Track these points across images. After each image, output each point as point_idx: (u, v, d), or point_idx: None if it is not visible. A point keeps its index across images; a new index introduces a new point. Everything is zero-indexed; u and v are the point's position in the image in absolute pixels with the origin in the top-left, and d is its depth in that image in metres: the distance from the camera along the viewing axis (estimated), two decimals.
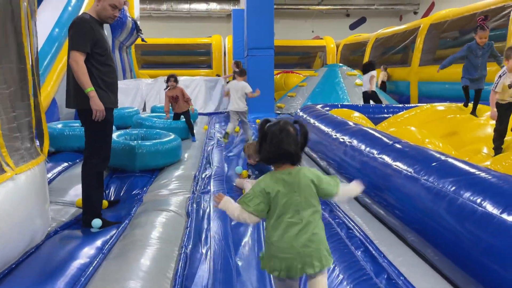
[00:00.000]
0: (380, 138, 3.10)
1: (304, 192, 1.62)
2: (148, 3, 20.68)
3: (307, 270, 1.59)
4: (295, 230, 1.60)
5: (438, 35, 11.39)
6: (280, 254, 1.60)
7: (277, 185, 1.62)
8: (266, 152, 1.66)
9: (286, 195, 1.61)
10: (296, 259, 1.59)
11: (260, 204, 1.61)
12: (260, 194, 1.62)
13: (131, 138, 4.62)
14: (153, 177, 4.08)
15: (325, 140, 4.02)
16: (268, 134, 1.65)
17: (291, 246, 1.59)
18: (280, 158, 1.65)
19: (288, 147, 1.62)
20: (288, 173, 1.64)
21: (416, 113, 5.00)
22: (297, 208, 1.62)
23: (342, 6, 21.91)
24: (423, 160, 2.35)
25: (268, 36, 9.09)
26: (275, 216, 1.62)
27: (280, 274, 1.61)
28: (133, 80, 10.02)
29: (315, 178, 1.66)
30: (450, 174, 2.08)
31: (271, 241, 1.63)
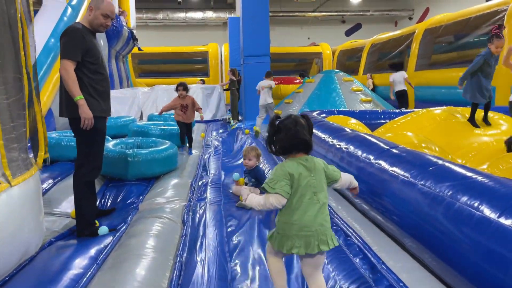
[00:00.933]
0: (376, 143, 3.09)
1: (319, 176, 1.82)
2: (144, 12, 20.77)
3: (322, 247, 1.75)
4: (314, 210, 1.77)
5: (433, 40, 11.45)
6: (300, 232, 1.75)
7: (299, 168, 1.79)
8: (283, 143, 1.82)
9: (306, 177, 1.78)
10: (314, 236, 1.75)
11: (286, 185, 1.76)
12: (284, 177, 1.77)
13: (127, 146, 4.60)
14: (149, 186, 4.05)
15: (322, 146, 4.00)
16: (282, 128, 1.82)
17: (311, 225, 1.76)
18: (297, 147, 1.82)
19: (304, 136, 1.81)
20: (305, 159, 1.83)
21: (412, 118, 5.00)
22: (315, 190, 1.80)
23: (337, 12, 22.06)
24: (420, 165, 2.33)
25: (264, 44, 9.12)
26: (296, 197, 1.77)
27: (299, 252, 1.75)
28: (130, 89, 10.03)
29: (324, 165, 1.89)
30: (446, 178, 2.06)
31: (292, 220, 1.77)
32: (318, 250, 1.75)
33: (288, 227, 1.79)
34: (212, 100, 9.88)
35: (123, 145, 4.58)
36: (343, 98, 10.01)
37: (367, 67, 15.11)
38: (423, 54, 11.53)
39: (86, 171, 3.01)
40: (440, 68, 10.71)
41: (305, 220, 1.76)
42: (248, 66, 9.20)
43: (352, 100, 10.02)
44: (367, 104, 9.95)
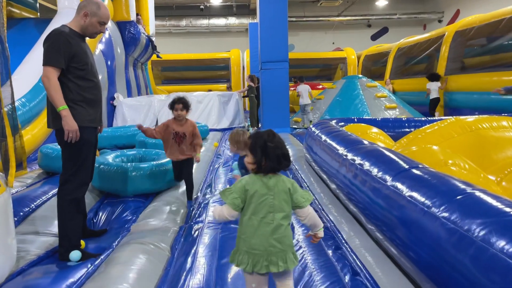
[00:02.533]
0: (395, 160, 2.68)
1: (279, 197, 1.76)
2: (167, 19, 20.83)
3: (271, 268, 1.72)
4: (266, 229, 1.73)
5: (464, 43, 10.80)
6: (249, 249, 1.73)
7: (256, 185, 1.75)
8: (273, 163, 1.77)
9: (262, 196, 1.74)
10: (263, 256, 1.72)
11: (237, 198, 1.74)
12: (239, 190, 1.75)
13: (128, 159, 4.34)
14: (146, 203, 3.76)
15: (336, 160, 3.61)
16: (272, 148, 1.76)
17: (260, 244, 1.72)
18: (282, 165, 1.79)
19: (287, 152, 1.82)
20: (269, 177, 1.77)
21: (439, 127, 4.51)
22: (271, 210, 1.75)
23: (363, 16, 21.46)
24: (445, 192, 1.92)
25: (282, 49, 8.76)
26: (249, 213, 1.75)
27: (246, 268, 1.74)
28: (146, 96, 9.88)
29: (291, 187, 1.79)
30: (478, 213, 1.65)
31: (243, 236, 1.76)
32: (266, 271, 1.73)
33: (241, 241, 1.79)
34: (229, 107, 9.59)
35: (123, 158, 4.33)
36: (366, 105, 9.53)
37: (393, 72, 14.50)
38: (454, 58, 10.88)
39: (72, 187, 2.76)
40: (472, 73, 10.05)
41: (255, 239, 1.74)
42: (266, 72, 8.86)
43: (376, 107, 9.52)
44: (392, 111, 9.43)
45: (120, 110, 8.62)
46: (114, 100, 8.65)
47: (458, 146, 4.08)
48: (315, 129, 5.19)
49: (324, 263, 2.26)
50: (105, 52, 8.38)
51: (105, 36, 8.63)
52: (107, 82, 8.38)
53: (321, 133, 4.72)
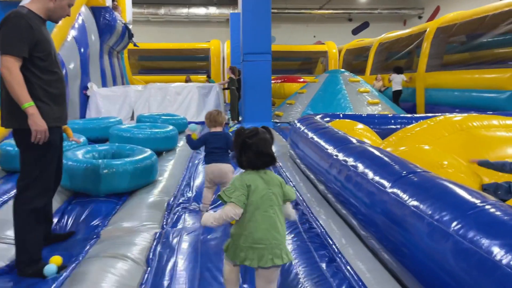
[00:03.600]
0: (390, 164, 2.47)
1: (275, 190, 1.84)
2: (145, 7, 20.19)
3: (275, 261, 1.74)
4: (269, 223, 1.78)
5: (445, 39, 10.77)
6: (254, 244, 1.75)
7: (257, 181, 1.81)
8: (252, 160, 1.83)
9: (263, 190, 1.80)
10: (268, 249, 1.75)
11: (242, 195, 1.76)
12: (241, 187, 1.78)
13: (100, 155, 4.01)
14: (120, 203, 3.46)
15: (325, 160, 3.39)
16: (249, 144, 1.81)
17: (265, 238, 1.75)
18: (263, 162, 1.84)
19: (272, 152, 1.86)
20: (264, 172, 1.86)
21: (429, 125, 4.36)
22: (271, 203, 1.81)
23: (344, 10, 21.36)
24: (455, 204, 1.71)
25: (265, 41, 8.48)
26: (251, 209, 1.78)
27: (251, 264, 1.75)
28: (121, 87, 9.44)
29: (282, 181, 1.89)
30: (498, 232, 1.45)
31: (245, 232, 1.78)
32: (271, 264, 1.75)
33: (242, 238, 1.79)
34: (210, 99, 9.26)
35: (95, 153, 3.99)
36: (348, 100, 9.39)
37: (375, 67, 14.44)
38: (435, 54, 10.85)
39: (31, 195, 2.41)
40: (453, 70, 10.04)
41: (259, 233, 1.76)
42: (247, 64, 8.57)
43: (359, 102, 9.39)
44: (375, 107, 9.32)
45: (93, 100, 8.18)
46: (88, 90, 8.19)
47: (449, 146, 3.93)
48: (300, 125, 4.97)
49: (318, 279, 2.04)
50: (78, 38, 7.91)
51: (78, 22, 8.14)
52: (80, 70, 7.92)
53: (307, 129, 4.50)
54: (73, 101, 7.64)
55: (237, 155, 1.87)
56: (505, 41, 8.72)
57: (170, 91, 8.79)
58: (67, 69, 7.32)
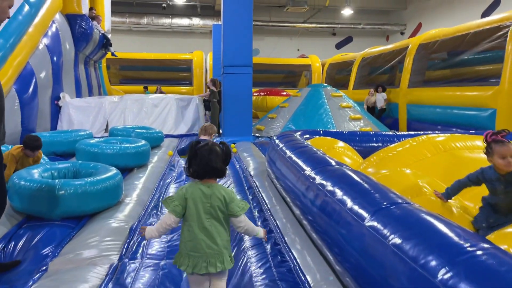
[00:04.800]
0: (370, 192, 2.25)
1: (214, 203, 1.91)
2: (127, 16, 19.91)
3: (209, 269, 1.87)
4: (204, 234, 1.89)
5: (427, 56, 10.79)
6: (189, 252, 1.89)
7: (195, 193, 1.92)
8: (196, 168, 1.94)
9: (200, 204, 1.91)
10: (203, 257, 1.87)
11: (178, 206, 1.90)
12: (179, 198, 1.91)
13: (59, 174, 3.69)
14: (76, 228, 3.14)
15: (302, 181, 3.15)
16: (198, 154, 1.94)
17: (200, 247, 1.88)
18: (208, 174, 1.95)
19: (216, 165, 1.94)
20: (207, 186, 1.94)
21: (411, 145, 4.19)
22: (207, 215, 1.91)
23: (328, 24, 21.46)
24: (443, 247, 1.49)
25: (246, 53, 8.30)
26: (189, 219, 1.91)
27: (187, 270, 1.90)
28: (96, 97, 9.10)
29: (227, 196, 1.94)
30: (492, 285, 1.22)
31: (184, 240, 1.93)
32: (205, 271, 1.88)
33: (183, 245, 1.94)
34: (188, 112, 8.99)
35: (54, 172, 3.67)
36: (330, 115, 9.24)
37: (358, 82, 14.41)
38: (417, 71, 10.84)
39: None
40: (435, 86, 10.02)
41: (195, 242, 1.89)
42: (228, 76, 8.36)
43: (341, 117, 9.25)
44: (357, 122, 9.19)
45: (65, 111, 7.83)
46: (60, 100, 7.84)
47: (432, 167, 3.75)
48: (278, 142, 4.74)
49: None
50: (50, 47, 7.58)
51: (51, 30, 7.83)
52: (52, 80, 7.58)
53: (285, 147, 4.27)
54: (43, 112, 7.29)
55: (187, 165, 1.98)
56: (486, 58, 8.73)
57: (147, 103, 8.50)
58: (37, 78, 6.99)
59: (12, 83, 6.24)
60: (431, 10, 18.79)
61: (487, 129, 7.77)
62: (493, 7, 15.34)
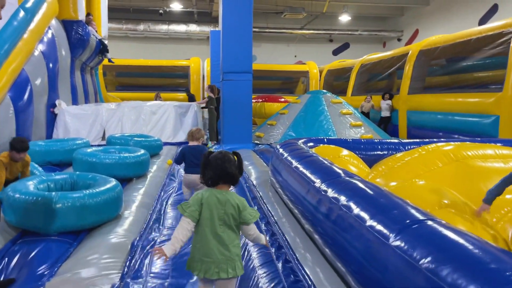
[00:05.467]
0: (390, 207, 2.11)
1: (228, 211, 1.97)
2: (124, 23, 19.76)
3: (221, 275, 1.92)
4: (217, 240, 1.94)
5: (427, 62, 10.73)
6: (202, 257, 1.94)
7: (210, 198, 1.98)
8: (210, 175, 2.02)
9: (216, 209, 1.97)
10: (215, 263, 1.92)
11: (195, 211, 1.96)
12: (195, 203, 1.98)
13: (56, 186, 3.52)
14: (74, 244, 2.97)
15: (312, 194, 3.00)
16: (212, 161, 2.02)
17: (212, 253, 1.93)
18: (222, 179, 2.02)
19: (230, 170, 2.02)
20: (222, 193, 2.01)
21: (420, 155, 4.05)
22: (221, 222, 1.96)
23: (325, 31, 21.43)
24: (490, 273, 1.34)
25: (246, 60, 8.18)
26: (203, 225, 1.96)
27: (198, 274, 1.95)
28: (93, 104, 8.93)
29: (241, 204, 2.00)
30: None
31: (198, 245, 1.97)
32: (217, 277, 1.90)
33: (195, 250, 1.97)
34: (187, 119, 8.83)
35: (50, 184, 3.50)
36: (331, 122, 9.12)
37: (356, 88, 14.34)
38: (417, 77, 10.78)
39: None
40: (435, 92, 9.94)
41: (208, 248, 1.92)
42: (227, 83, 8.23)
43: (341, 124, 9.13)
44: (358, 129, 9.08)
45: (61, 119, 7.65)
46: (55, 108, 7.67)
47: (443, 178, 3.62)
48: (282, 151, 4.60)
49: None
50: (46, 53, 7.42)
51: (47, 36, 7.67)
52: (48, 87, 7.41)
53: (290, 156, 4.13)
54: (38, 120, 7.11)
55: (201, 173, 2.04)
56: (488, 65, 8.67)
57: (145, 110, 8.34)
58: (33, 85, 6.82)
59: (6, 90, 6.07)
60: (428, 17, 18.81)
61: (490, 136, 7.73)
62: (491, 13, 15.36)
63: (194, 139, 4.08)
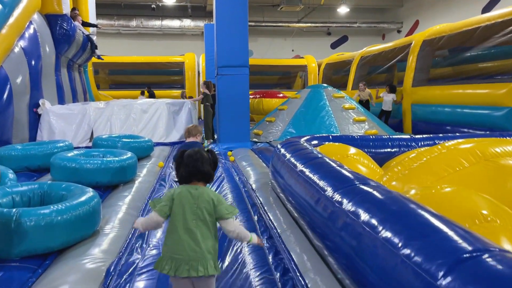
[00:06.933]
0: (431, 230, 1.63)
1: (201, 204, 1.91)
2: (116, 19, 19.21)
3: (191, 273, 1.83)
4: (190, 236, 1.87)
5: (432, 53, 10.24)
6: (172, 254, 1.87)
7: (183, 193, 1.94)
8: (183, 172, 1.98)
9: (187, 205, 1.91)
10: (185, 260, 1.85)
11: (165, 206, 1.92)
12: (167, 198, 1.94)
13: (22, 199, 3.03)
14: (39, 271, 2.48)
15: (322, 207, 2.52)
16: (184, 159, 1.98)
17: (183, 249, 1.86)
18: (195, 176, 1.98)
19: (203, 168, 1.98)
20: (195, 188, 1.96)
21: (441, 153, 3.58)
22: (193, 217, 1.90)
23: (323, 23, 20.91)
24: None
25: (242, 53, 7.67)
26: (174, 221, 1.91)
27: (169, 273, 1.86)
28: (79, 103, 8.41)
29: (216, 199, 1.95)
30: None
31: (167, 243, 1.92)
32: (187, 275, 1.83)
33: (166, 248, 1.92)
34: (180, 118, 8.33)
35: (16, 196, 3.01)
36: (333, 117, 8.64)
37: (356, 82, 13.84)
38: (421, 69, 10.29)
39: None
40: (441, 84, 9.46)
41: (178, 244, 1.86)
42: (223, 78, 7.73)
43: (344, 119, 8.65)
44: (361, 124, 8.60)
45: (46, 119, 7.15)
46: (39, 108, 7.16)
47: (473, 180, 3.15)
48: (284, 151, 4.12)
49: None
50: (27, 50, 6.91)
51: (28, 31, 7.16)
52: (29, 85, 6.90)
53: (294, 158, 3.64)
54: (20, 121, 6.61)
55: (175, 170, 2.01)
56: (498, 54, 8.19)
57: (135, 109, 7.83)
58: (12, 84, 6.32)
59: None
60: (428, 7, 18.31)
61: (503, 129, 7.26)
62: (494, 2, 14.87)
63: (191, 135, 4.02)
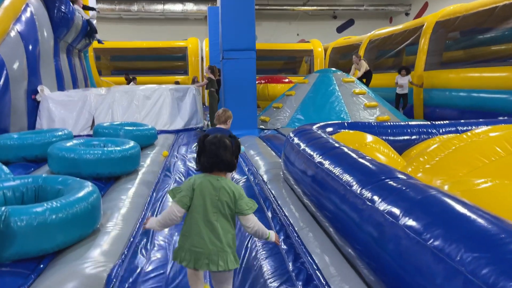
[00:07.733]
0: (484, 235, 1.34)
1: (222, 197, 1.82)
2: (117, 3, 18.78)
3: (211, 267, 1.77)
4: (210, 228, 1.79)
5: (445, 35, 9.82)
6: (191, 247, 1.79)
7: (204, 184, 1.83)
8: (205, 161, 1.87)
9: (207, 196, 1.81)
10: (205, 254, 1.78)
11: (185, 197, 1.82)
12: (187, 188, 1.84)
13: (14, 195, 2.76)
14: (32, 276, 2.22)
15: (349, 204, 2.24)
16: (206, 147, 1.87)
17: (203, 242, 1.78)
18: (217, 166, 1.87)
19: (225, 157, 1.86)
20: (216, 179, 1.86)
21: (472, 142, 3.27)
22: (214, 209, 1.82)
23: (329, 7, 20.37)
24: None
25: (248, 35, 7.33)
26: (195, 212, 1.81)
27: (188, 265, 1.81)
28: (80, 90, 8.10)
29: (237, 192, 1.85)
30: None
31: (187, 234, 1.83)
32: (207, 269, 1.79)
33: (184, 239, 1.84)
34: (185, 104, 8.02)
35: (7, 192, 2.73)
36: (343, 103, 8.30)
37: None
38: (434, 51, 9.89)
39: None
40: (456, 68, 9.07)
41: (198, 237, 1.79)
42: (228, 62, 7.39)
43: (355, 105, 8.31)
44: (373, 110, 8.27)
45: (45, 107, 6.87)
46: (37, 95, 6.87)
47: (510, 171, 2.85)
48: (298, 140, 3.82)
49: None
50: (24, 34, 6.59)
51: (25, 15, 6.82)
52: (27, 71, 6.60)
53: (309, 148, 3.35)
54: (17, 108, 6.33)
55: (197, 158, 1.91)
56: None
57: (138, 95, 7.53)
58: (9, 70, 6.02)
59: None
60: None
61: None
62: None
63: (220, 121, 3.83)
